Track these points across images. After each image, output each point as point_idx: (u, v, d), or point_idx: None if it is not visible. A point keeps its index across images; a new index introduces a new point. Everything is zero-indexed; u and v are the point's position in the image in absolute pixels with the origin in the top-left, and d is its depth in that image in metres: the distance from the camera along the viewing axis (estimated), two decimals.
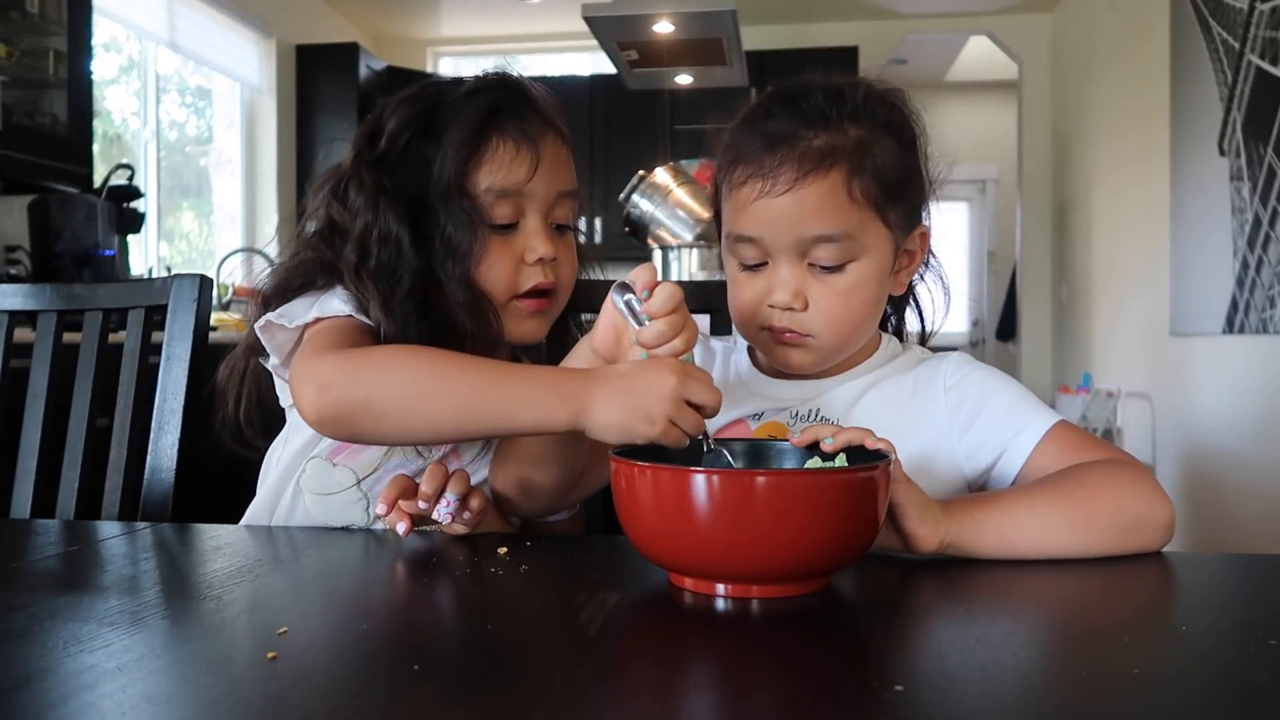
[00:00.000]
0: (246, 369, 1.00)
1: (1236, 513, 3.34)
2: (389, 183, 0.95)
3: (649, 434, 0.75)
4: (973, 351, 7.10)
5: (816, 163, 0.87)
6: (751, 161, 0.89)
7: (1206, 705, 0.51)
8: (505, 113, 0.97)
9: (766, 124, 0.90)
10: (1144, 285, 4.13)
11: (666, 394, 0.75)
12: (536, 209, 0.97)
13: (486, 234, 0.95)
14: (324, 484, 0.96)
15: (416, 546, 0.87)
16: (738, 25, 3.72)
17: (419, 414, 0.81)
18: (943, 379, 0.97)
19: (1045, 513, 0.80)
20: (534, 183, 0.96)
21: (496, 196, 0.95)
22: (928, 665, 0.58)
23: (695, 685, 0.55)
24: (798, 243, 0.89)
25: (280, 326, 0.92)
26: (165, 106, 4.45)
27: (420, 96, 0.99)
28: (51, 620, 0.63)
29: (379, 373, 0.83)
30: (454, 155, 0.95)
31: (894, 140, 0.91)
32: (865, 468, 0.69)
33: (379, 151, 0.97)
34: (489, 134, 0.96)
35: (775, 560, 0.67)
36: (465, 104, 0.97)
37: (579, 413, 0.77)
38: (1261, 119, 3.06)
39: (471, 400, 0.80)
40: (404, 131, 0.97)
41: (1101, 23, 4.72)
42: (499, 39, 6.16)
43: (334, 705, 0.50)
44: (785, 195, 0.87)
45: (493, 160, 0.96)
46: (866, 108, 0.90)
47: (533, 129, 0.97)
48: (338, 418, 0.83)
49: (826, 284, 0.90)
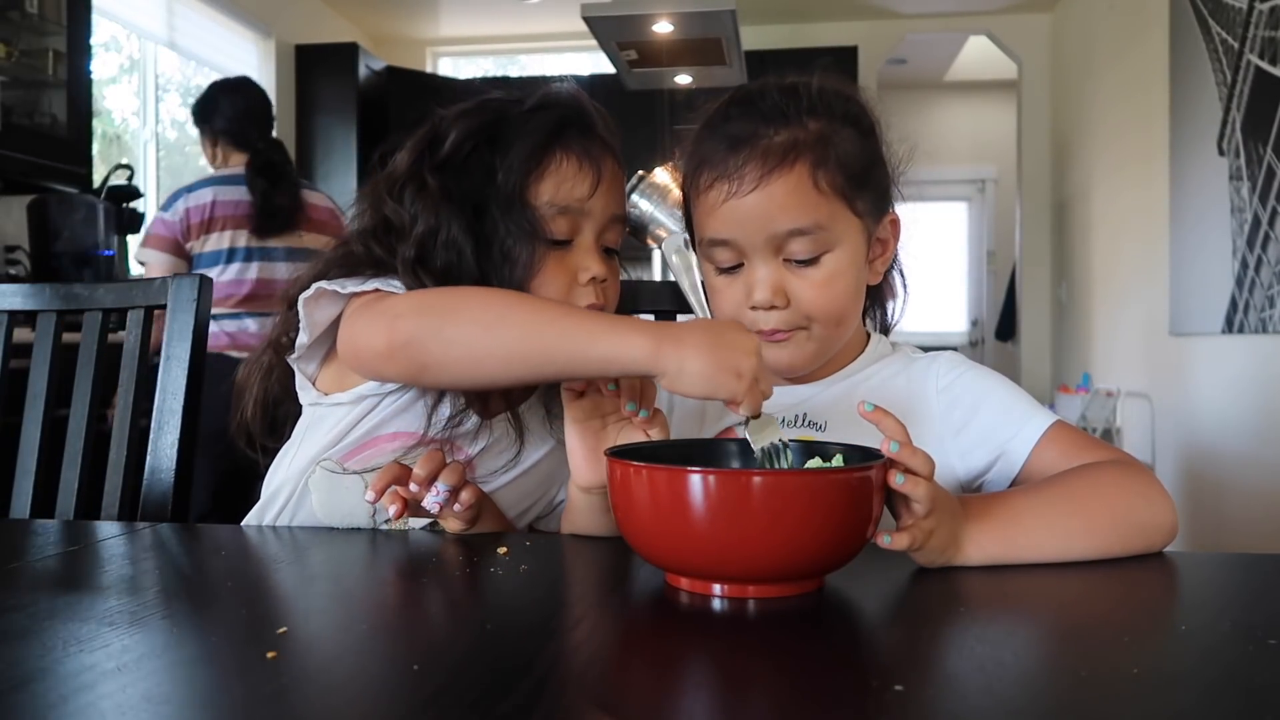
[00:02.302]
0: (270, 366, 1.00)
1: (1236, 513, 3.34)
2: (453, 187, 0.95)
3: (734, 390, 0.73)
4: (971, 352, 7.11)
5: (780, 158, 0.88)
6: (716, 165, 0.90)
7: (1206, 705, 0.51)
8: (571, 129, 0.97)
9: (726, 126, 0.91)
10: (1143, 285, 4.13)
11: (755, 351, 0.74)
12: (592, 228, 0.98)
13: (543, 249, 0.95)
14: (331, 487, 0.95)
15: (416, 546, 0.87)
16: (737, 25, 3.72)
17: (492, 340, 0.80)
18: (935, 379, 0.96)
19: (1053, 521, 0.79)
20: (593, 201, 0.96)
21: (557, 211, 0.95)
22: (927, 665, 0.58)
23: (693, 685, 0.55)
24: (770, 239, 0.89)
25: (331, 295, 0.91)
26: (165, 106, 4.45)
27: (482, 109, 0.99)
28: (51, 620, 0.63)
29: (453, 299, 0.85)
30: (519, 166, 0.95)
31: (853, 129, 0.92)
32: (861, 468, 0.69)
33: (442, 156, 0.97)
34: (554, 148, 0.96)
35: (771, 560, 0.67)
36: (531, 118, 0.97)
37: (658, 352, 0.74)
38: (1261, 119, 3.06)
39: (545, 328, 0.79)
40: (468, 140, 0.97)
41: (1101, 22, 4.72)
42: (498, 39, 6.16)
43: (334, 705, 0.50)
44: (753, 194, 0.88)
45: (556, 174, 0.96)
46: (823, 101, 0.91)
47: (595, 148, 0.98)
48: (408, 343, 0.82)
49: (804, 278, 0.90)
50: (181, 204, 2.59)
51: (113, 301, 1.23)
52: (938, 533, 0.73)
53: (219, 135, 2.73)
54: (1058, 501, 0.81)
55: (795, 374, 0.96)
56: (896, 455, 0.71)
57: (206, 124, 2.75)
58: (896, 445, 0.71)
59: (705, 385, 0.73)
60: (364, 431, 0.94)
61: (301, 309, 0.91)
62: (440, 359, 0.82)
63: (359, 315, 0.88)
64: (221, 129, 2.72)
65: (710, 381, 0.73)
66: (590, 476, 0.86)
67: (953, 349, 1.05)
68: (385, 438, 0.94)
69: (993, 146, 7.11)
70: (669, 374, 0.74)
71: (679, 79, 4.38)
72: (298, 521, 0.97)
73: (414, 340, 0.82)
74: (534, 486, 1.01)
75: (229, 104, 2.73)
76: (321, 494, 0.96)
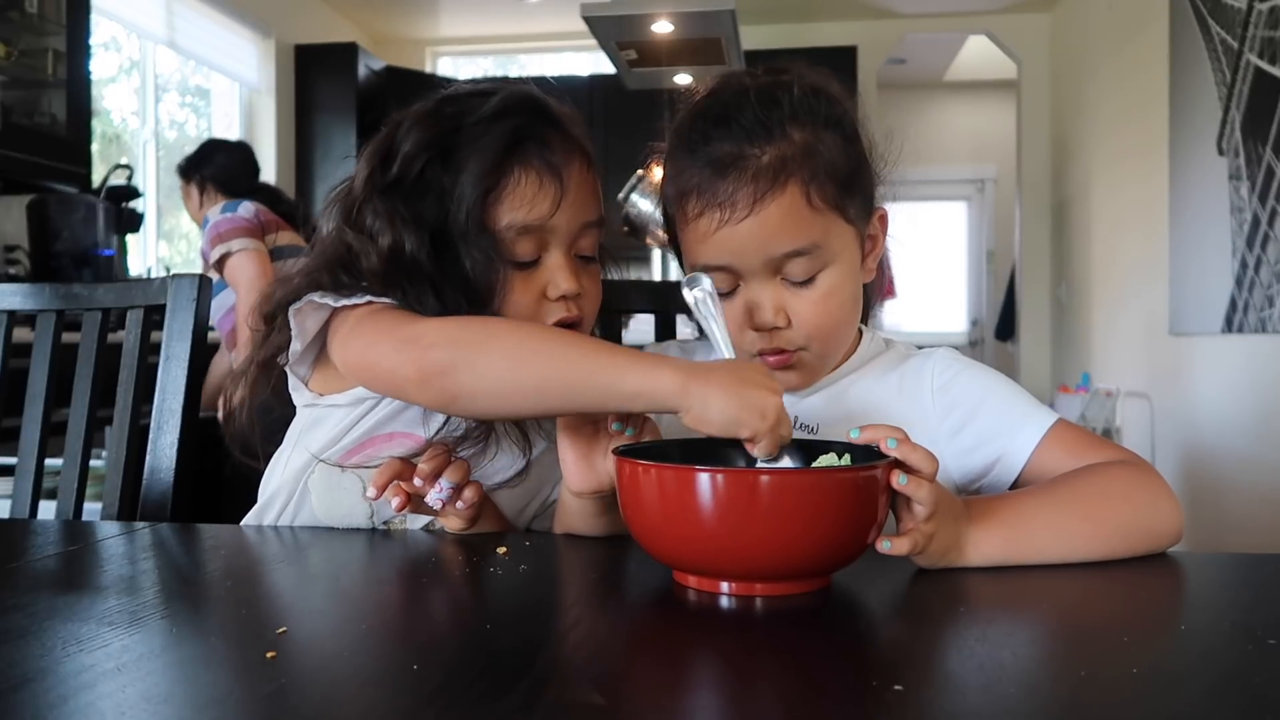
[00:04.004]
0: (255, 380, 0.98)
1: (1236, 512, 3.34)
2: (405, 211, 0.91)
3: (758, 429, 0.72)
4: (971, 351, 7.11)
5: (771, 180, 0.85)
6: (704, 192, 0.87)
7: (1206, 705, 0.51)
8: (528, 141, 0.91)
9: (708, 149, 0.87)
10: (1143, 284, 4.13)
11: (778, 392, 0.73)
12: (560, 243, 0.93)
13: (508, 272, 0.91)
14: (331, 487, 0.95)
15: (417, 546, 0.87)
16: (737, 25, 3.72)
17: (523, 373, 0.79)
18: (930, 378, 0.95)
19: (1057, 524, 0.79)
20: (558, 217, 0.91)
21: (518, 233, 0.90)
22: (927, 664, 0.58)
23: (699, 683, 0.55)
24: (768, 262, 0.87)
25: (322, 306, 0.89)
26: (164, 106, 4.45)
27: (438, 116, 0.93)
28: (51, 620, 0.63)
29: (485, 331, 0.83)
30: (473, 189, 0.89)
31: (837, 134, 0.89)
32: (868, 466, 0.69)
33: (392, 176, 0.92)
34: (510, 167, 0.90)
35: (779, 559, 0.67)
36: (485, 131, 0.91)
37: (685, 388, 0.73)
38: (1260, 118, 3.06)
39: (576, 363, 0.78)
40: (419, 156, 0.91)
41: (1100, 22, 4.72)
42: (498, 39, 6.16)
43: (333, 705, 0.50)
44: (746, 220, 0.85)
45: (514, 195, 0.90)
46: (804, 106, 0.88)
47: (557, 157, 0.92)
48: (441, 374, 0.80)
49: (802, 296, 0.89)
50: (248, 203, 2.52)
51: (112, 301, 1.22)
52: (939, 536, 0.73)
53: (208, 181, 2.73)
54: (1062, 505, 0.80)
55: (795, 392, 0.96)
56: (896, 451, 0.70)
57: (195, 172, 2.75)
58: (894, 442, 0.71)
59: (727, 424, 0.73)
60: (363, 431, 0.94)
61: (292, 319, 0.91)
62: (470, 391, 0.80)
63: (377, 337, 0.85)
64: (211, 175, 2.73)
65: (734, 421, 0.73)
66: (583, 482, 0.86)
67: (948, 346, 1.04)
68: (383, 437, 0.94)
69: (992, 146, 7.11)
70: (693, 410, 0.74)
71: (679, 79, 4.38)
72: (298, 522, 0.97)
73: (448, 372, 0.80)
74: (534, 486, 1.01)
75: (225, 155, 2.77)
76: (321, 493, 0.95)
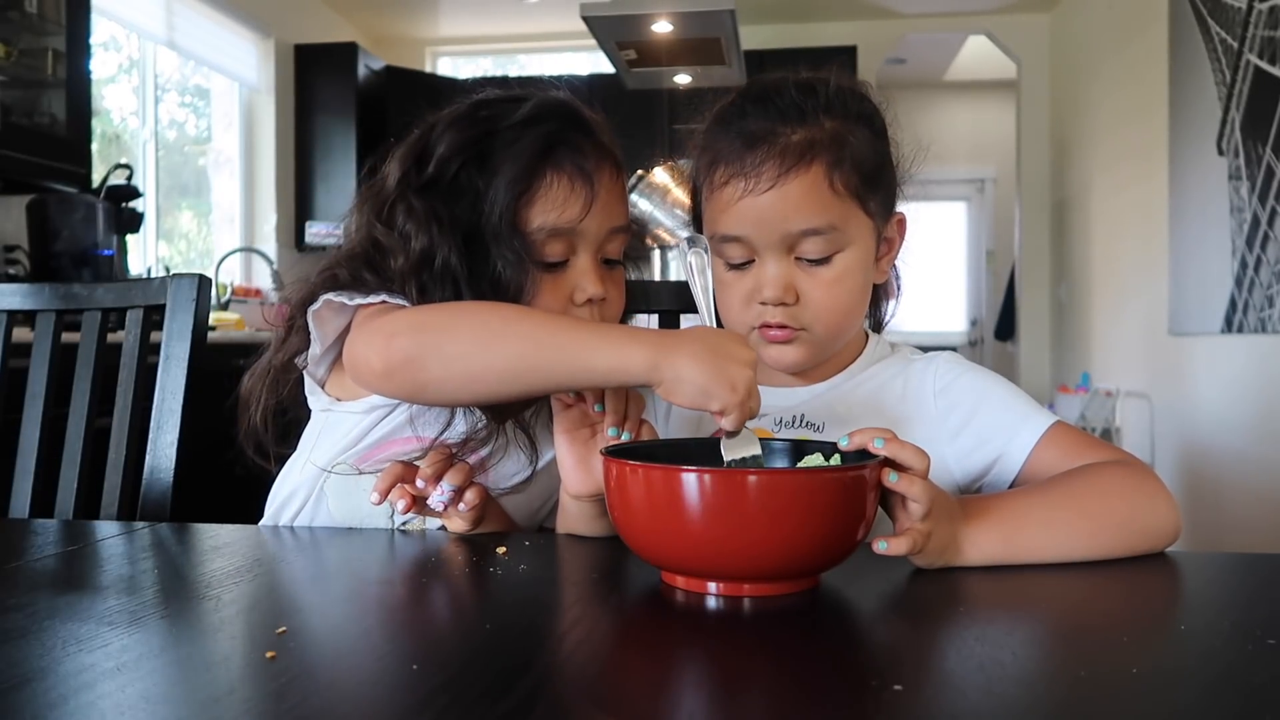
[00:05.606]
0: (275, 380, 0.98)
1: (1236, 512, 3.34)
2: (441, 211, 0.92)
3: (727, 401, 0.72)
4: (971, 351, 7.11)
5: (797, 158, 0.88)
6: (732, 162, 0.90)
7: (1206, 705, 0.51)
8: (561, 146, 0.93)
9: (743, 123, 0.91)
10: (1143, 285, 4.13)
11: (751, 363, 0.73)
12: (588, 247, 0.94)
13: (537, 273, 0.92)
14: (348, 491, 0.95)
15: (417, 546, 0.87)
16: (736, 25, 3.72)
17: (489, 356, 0.78)
18: (933, 381, 0.96)
19: (1053, 522, 0.79)
20: (587, 221, 0.93)
21: (548, 235, 0.92)
22: (926, 663, 0.58)
23: (690, 684, 0.55)
24: (784, 238, 0.89)
25: (339, 306, 0.90)
26: (164, 106, 4.45)
27: (472, 120, 0.95)
28: (51, 620, 0.63)
29: (448, 315, 0.82)
30: (506, 192, 0.91)
31: (867, 129, 0.92)
32: (855, 466, 0.69)
33: (428, 176, 0.94)
34: (543, 170, 0.92)
35: (767, 559, 0.67)
36: (519, 135, 0.93)
37: (657, 360, 0.73)
38: (1260, 118, 3.06)
39: (544, 342, 0.77)
40: (454, 159, 0.93)
41: (1100, 22, 4.72)
42: (498, 39, 6.16)
43: (333, 705, 0.50)
44: (769, 192, 0.88)
45: (546, 198, 0.92)
46: (839, 99, 0.92)
47: (589, 163, 0.93)
48: (407, 363, 0.79)
49: (815, 276, 0.90)
50: None
51: (112, 301, 1.23)
52: (936, 534, 0.73)
53: None
54: (1059, 503, 0.81)
55: (792, 371, 0.96)
56: (885, 450, 0.71)
57: None
58: (881, 441, 0.71)
59: (696, 394, 0.72)
60: (379, 436, 0.94)
61: (311, 321, 0.91)
62: (439, 377, 0.80)
63: (358, 332, 0.86)
64: None
65: (702, 391, 0.72)
66: (581, 485, 0.86)
67: (952, 349, 1.05)
68: (399, 441, 0.94)
69: (992, 146, 7.11)
70: (665, 383, 0.73)
71: (678, 79, 4.38)
72: (316, 524, 0.97)
73: (412, 360, 0.80)
74: (547, 486, 1.01)
75: None
76: (338, 498, 0.95)
